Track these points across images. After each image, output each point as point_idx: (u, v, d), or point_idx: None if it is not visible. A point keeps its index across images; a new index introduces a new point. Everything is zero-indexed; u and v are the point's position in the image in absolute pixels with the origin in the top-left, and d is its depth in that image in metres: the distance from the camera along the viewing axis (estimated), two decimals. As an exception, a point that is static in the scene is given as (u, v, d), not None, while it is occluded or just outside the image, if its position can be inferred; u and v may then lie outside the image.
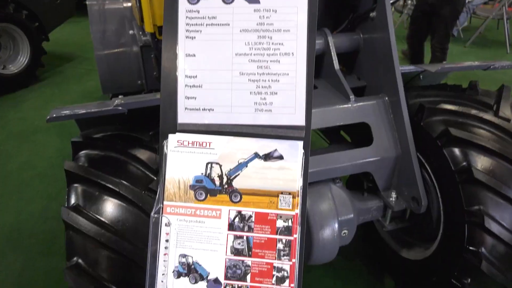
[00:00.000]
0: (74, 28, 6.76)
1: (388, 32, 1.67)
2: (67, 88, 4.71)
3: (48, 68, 5.18)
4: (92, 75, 4.97)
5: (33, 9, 4.51)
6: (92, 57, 3.44)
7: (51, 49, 5.41)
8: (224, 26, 0.80)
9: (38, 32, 4.64)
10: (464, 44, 6.22)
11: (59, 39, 6.19)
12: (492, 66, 1.77)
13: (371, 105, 1.70)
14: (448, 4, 3.71)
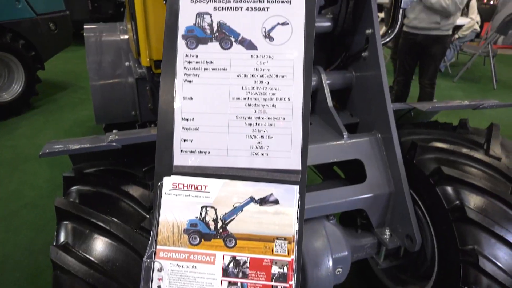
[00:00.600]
0: (70, 57, 6.84)
1: (380, 71, 1.71)
2: (61, 116, 4.70)
3: (42, 96, 5.19)
4: (86, 104, 4.99)
5: (30, 39, 4.56)
6: (87, 86, 3.46)
7: (46, 77, 5.44)
8: (222, 70, 0.82)
9: (34, 61, 4.68)
10: (453, 79, 6.39)
11: (55, 67, 6.24)
12: (481, 105, 1.82)
13: (364, 142, 1.72)
14: (437, 43, 3.84)
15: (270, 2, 0.82)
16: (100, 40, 3.33)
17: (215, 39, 0.82)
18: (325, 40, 2.00)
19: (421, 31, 3.84)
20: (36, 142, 4.04)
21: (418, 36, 3.89)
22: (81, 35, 3.45)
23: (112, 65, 3.23)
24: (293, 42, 0.81)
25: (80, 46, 4.48)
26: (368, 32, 1.72)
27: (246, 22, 0.82)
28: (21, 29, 4.48)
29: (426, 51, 3.93)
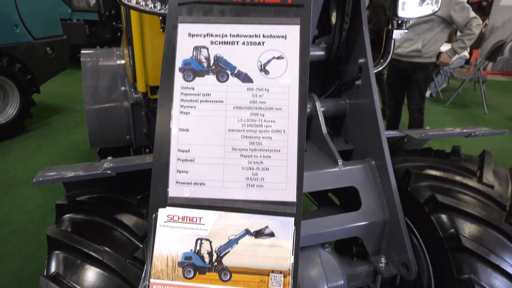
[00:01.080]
0: (66, 80, 6.87)
1: (373, 99, 1.74)
2: (54, 140, 4.68)
3: (36, 119, 5.18)
4: (81, 127, 4.99)
5: (27, 63, 4.59)
6: (82, 109, 3.47)
7: (41, 100, 5.45)
8: (218, 103, 0.83)
9: (29, 84, 4.70)
10: (444, 105, 6.49)
11: (51, 90, 6.26)
12: (473, 133, 1.84)
13: (359, 169, 1.73)
14: (420, 69, 3.93)
15: (266, 37, 0.84)
16: (97, 65, 3.37)
17: (212, 72, 0.84)
18: (319, 68, 2.04)
19: (405, 58, 3.94)
20: (28, 165, 4.00)
21: (402, 63, 3.98)
22: (78, 59, 3.48)
23: (108, 90, 3.25)
24: (288, 75, 0.82)
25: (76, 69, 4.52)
26: (361, 61, 1.76)
27: (242, 56, 0.83)
28: (18, 53, 4.51)
29: (410, 77, 4.02)
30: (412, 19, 1.78)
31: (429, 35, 3.75)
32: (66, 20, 7.09)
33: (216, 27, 0.85)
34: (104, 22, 7.44)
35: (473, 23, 3.61)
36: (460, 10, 3.57)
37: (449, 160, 1.82)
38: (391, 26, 1.81)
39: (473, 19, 3.60)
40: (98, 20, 7.38)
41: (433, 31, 3.74)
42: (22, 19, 4.47)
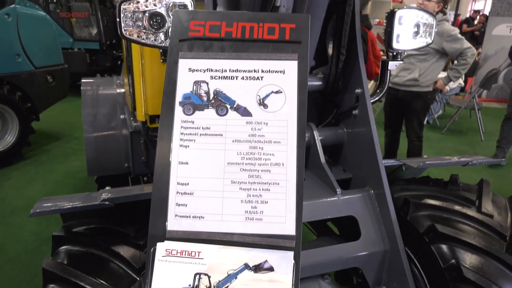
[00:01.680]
0: (65, 107, 6.92)
1: (370, 128, 1.76)
2: (52, 167, 4.67)
3: (34, 146, 5.18)
4: (79, 155, 4.98)
5: (27, 91, 4.64)
6: (80, 136, 3.47)
7: (40, 127, 5.46)
8: (218, 136, 0.84)
9: (29, 112, 4.72)
10: (441, 131, 6.55)
11: (50, 117, 6.30)
12: (470, 162, 1.85)
13: (357, 199, 1.72)
14: (418, 98, 3.98)
15: (265, 72, 0.86)
16: (97, 93, 3.40)
17: (211, 106, 0.85)
18: (316, 97, 2.07)
19: (402, 87, 4.00)
20: (25, 193, 3.97)
21: (400, 92, 4.04)
22: (78, 86, 3.52)
23: (107, 118, 3.27)
24: (287, 109, 0.84)
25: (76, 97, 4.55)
26: (358, 92, 1.79)
27: (241, 90, 0.85)
28: (19, 81, 4.57)
29: (408, 106, 4.06)
30: (406, 51, 1.82)
31: (425, 64, 3.82)
32: (67, 49, 7.22)
33: (216, 62, 0.87)
34: (105, 51, 7.57)
35: (468, 53, 3.70)
36: (452, 42, 3.66)
37: (448, 189, 1.82)
38: (386, 58, 1.85)
39: (467, 49, 3.69)
40: (99, 49, 7.52)
41: (429, 61, 3.81)
42: (24, 48, 4.55)
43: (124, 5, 1.32)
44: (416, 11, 1.74)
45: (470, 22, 13.79)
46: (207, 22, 0.88)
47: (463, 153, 5.65)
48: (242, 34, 0.87)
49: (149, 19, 1.35)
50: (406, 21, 1.73)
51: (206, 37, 0.88)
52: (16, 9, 4.45)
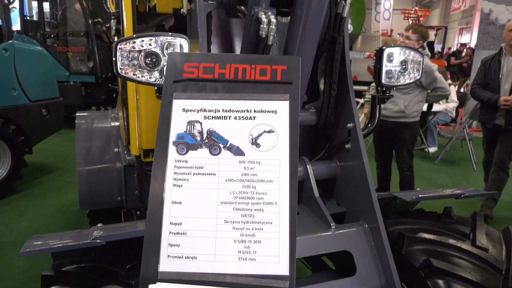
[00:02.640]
0: (59, 140, 6.90)
1: (363, 162, 1.78)
2: (43, 201, 4.60)
3: (26, 179, 5.12)
4: (71, 188, 4.93)
5: (21, 124, 4.64)
6: (73, 169, 3.45)
7: (32, 160, 5.42)
8: (211, 175, 0.85)
9: (22, 145, 4.70)
10: (433, 162, 6.60)
11: (43, 149, 6.26)
12: (463, 195, 1.87)
13: (352, 233, 1.71)
14: (406, 129, 4.04)
15: (257, 112, 0.88)
16: (91, 127, 3.41)
17: (205, 145, 0.86)
18: (309, 131, 2.10)
19: (390, 118, 4.07)
20: (14, 229, 3.89)
21: (388, 123, 4.11)
22: (73, 119, 3.53)
23: (101, 151, 3.26)
24: (279, 148, 0.85)
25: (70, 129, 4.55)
26: (350, 126, 1.82)
27: (234, 130, 0.87)
28: (13, 115, 4.57)
29: (397, 137, 4.13)
30: (395, 87, 1.88)
31: (408, 97, 3.94)
32: (63, 82, 7.30)
33: (209, 102, 0.89)
34: (100, 84, 7.65)
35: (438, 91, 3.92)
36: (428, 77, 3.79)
37: (442, 222, 1.82)
38: (376, 93, 1.89)
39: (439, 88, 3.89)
40: (94, 82, 7.60)
41: (411, 93, 3.93)
42: (20, 82, 4.59)
43: (120, 45, 1.36)
44: (403, 49, 1.81)
45: (458, 55, 14.22)
46: (201, 64, 0.91)
47: (457, 184, 5.68)
48: (235, 75, 0.90)
49: (145, 58, 1.38)
50: (394, 58, 1.79)
51: (200, 78, 0.90)
52: (14, 44, 4.53)
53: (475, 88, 4.33)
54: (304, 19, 1.56)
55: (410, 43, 3.80)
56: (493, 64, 4.18)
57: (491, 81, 4.17)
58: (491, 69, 4.18)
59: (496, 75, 4.13)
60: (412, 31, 3.87)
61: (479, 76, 4.32)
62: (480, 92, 4.22)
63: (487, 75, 4.21)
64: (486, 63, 4.27)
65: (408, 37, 3.86)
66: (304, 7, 1.53)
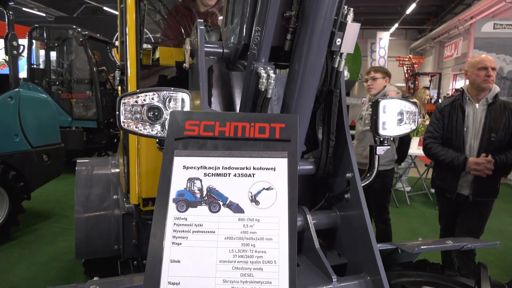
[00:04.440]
0: (58, 185, 6.87)
1: (363, 212, 1.77)
2: (38, 248, 4.50)
3: (22, 225, 5.04)
4: (67, 235, 4.84)
5: (21, 170, 4.64)
6: (70, 215, 3.42)
7: (30, 205, 5.37)
8: (210, 233, 0.85)
9: (21, 191, 4.68)
10: (435, 207, 6.54)
11: (41, 195, 6.22)
12: (465, 246, 1.84)
13: (354, 286, 1.67)
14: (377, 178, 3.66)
15: (256, 169, 0.89)
16: (91, 174, 3.42)
17: (204, 203, 0.87)
18: (308, 180, 2.11)
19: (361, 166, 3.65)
20: (7, 278, 3.78)
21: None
22: (73, 163, 3.55)
23: (100, 198, 3.25)
24: (278, 206, 0.86)
25: (70, 174, 4.54)
26: (349, 176, 1.83)
27: (233, 187, 0.88)
28: (14, 160, 4.59)
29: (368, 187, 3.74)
30: (393, 137, 1.91)
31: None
32: (65, 127, 7.39)
33: (209, 160, 0.91)
34: (102, 130, 7.75)
35: None
36: None
37: (445, 274, 1.78)
38: (374, 143, 1.92)
39: None
40: (96, 127, 7.71)
41: None
42: (23, 129, 4.66)
43: (124, 99, 1.40)
44: (398, 100, 1.86)
45: (453, 100, 14.49)
46: (201, 122, 0.94)
47: (459, 229, 5.59)
48: (234, 133, 0.93)
49: (147, 112, 1.42)
50: (390, 109, 1.83)
51: (200, 136, 0.93)
52: (19, 92, 4.64)
53: (430, 143, 3.19)
54: (301, 73, 1.62)
55: (379, 82, 3.73)
56: (454, 112, 3.10)
57: (451, 135, 3.09)
58: (451, 119, 3.10)
59: (459, 128, 3.05)
60: (373, 72, 3.77)
61: (434, 127, 3.20)
62: (438, 150, 3.11)
63: (446, 126, 3.13)
64: (443, 110, 3.18)
65: (374, 77, 3.74)
66: (301, 61, 1.60)
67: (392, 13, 22.44)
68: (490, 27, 9.07)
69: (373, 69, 3.88)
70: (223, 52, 1.79)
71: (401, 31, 27.03)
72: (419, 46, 26.73)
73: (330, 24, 1.55)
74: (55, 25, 9.98)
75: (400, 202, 6.59)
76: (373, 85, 3.76)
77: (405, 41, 28.54)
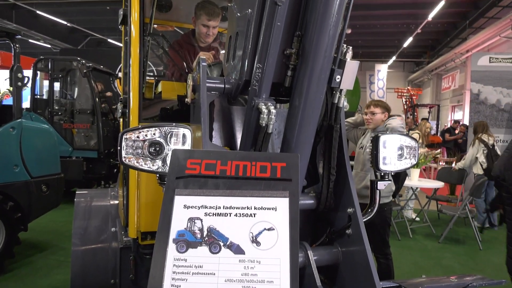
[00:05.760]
0: (55, 215, 6.78)
1: (365, 248, 1.74)
2: (33, 282, 4.39)
3: (18, 257, 4.94)
4: (63, 268, 4.74)
5: (20, 201, 4.60)
6: (67, 246, 3.36)
7: (26, 236, 5.29)
8: (210, 275, 0.83)
9: (18, 222, 4.62)
10: (438, 240, 6.44)
11: (38, 226, 6.13)
12: (470, 284, 1.80)
13: (358, 327, 1.62)
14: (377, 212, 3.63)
15: (257, 209, 0.89)
16: (90, 205, 3.40)
17: (205, 243, 0.86)
18: (309, 215, 2.09)
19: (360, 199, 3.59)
20: (0, 313, 3.67)
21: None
22: (71, 193, 3.52)
23: (98, 231, 3.21)
24: (279, 247, 0.85)
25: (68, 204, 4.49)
26: (350, 211, 1.82)
27: (234, 227, 0.87)
28: (12, 191, 4.56)
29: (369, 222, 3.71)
30: (393, 172, 1.91)
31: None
32: (66, 157, 7.40)
33: (210, 199, 0.90)
34: (102, 160, 7.75)
35: None
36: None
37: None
38: (375, 178, 1.92)
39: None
40: (96, 157, 7.71)
41: None
42: (23, 159, 4.65)
43: (126, 135, 1.41)
44: (398, 135, 1.87)
45: (452, 132, 14.60)
46: (203, 160, 0.94)
47: (463, 264, 5.47)
48: (236, 172, 0.93)
49: (149, 147, 1.43)
50: (390, 145, 1.85)
51: (201, 174, 0.93)
52: (22, 123, 4.67)
53: None
54: (302, 108, 1.64)
55: (378, 117, 3.73)
56: None
57: None
58: None
59: None
60: (373, 106, 3.78)
61: None
62: None
63: None
64: None
65: (373, 112, 3.75)
66: (302, 97, 1.63)
67: (389, 46, 22.98)
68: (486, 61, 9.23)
69: (373, 103, 3.87)
70: (224, 88, 1.83)
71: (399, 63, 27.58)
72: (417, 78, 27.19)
73: (330, 61, 1.58)
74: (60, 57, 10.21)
75: (402, 235, 6.50)
76: (372, 119, 3.75)
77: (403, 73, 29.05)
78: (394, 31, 19.49)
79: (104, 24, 18.93)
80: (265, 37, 1.55)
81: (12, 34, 4.70)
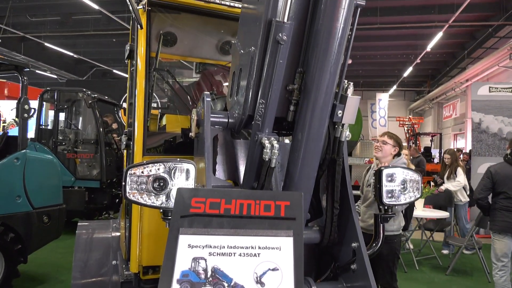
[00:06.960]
0: (56, 246, 6.69)
1: (370, 283, 1.71)
2: (31, 316, 4.29)
3: (16, 291, 4.85)
4: (62, 302, 4.64)
5: (20, 232, 4.55)
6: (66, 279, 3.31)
7: (25, 268, 5.20)
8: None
9: (18, 254, 4.56)
10: (445, 272, 6.29)
11: (38, 257, 6.03)
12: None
13: None
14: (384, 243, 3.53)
15: (261, 248, 0.89)
16: (91, 238, 3.37)
17: (209, 284, 0.85)
18: (313, 249, 2.06)
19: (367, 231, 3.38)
20: None
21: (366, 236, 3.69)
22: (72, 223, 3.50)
23: (98, 264, 3.17)
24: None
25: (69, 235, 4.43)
26: (354, 246, 1.80)
27: (239, 268, 0.87)
28: (13, 222, 4.52)
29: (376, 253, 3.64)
30: (397, 205, 1.90)
31: None
32: (68, 187, 7.38)
33: (214, 238, 0.90)
34: (104, 189, 7.73)
35: None
36: None
37: None
38: (379, 211, 1.91)
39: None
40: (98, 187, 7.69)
41: None
42: (26, 190, 4.65)
43: (131, 170, 1.43)
44: (401, 169, 1.88)
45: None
46: (207, 199, 0.95)
47: (472, 297, 5.32)
48: (240, 210, 0.93)
49: (153, 182, 1.43)
50: (393, 178, 1.85)
51: (206, 213, 0.93)
52: (26, 154, 4.70)
53: None
54: (305, 142, 1.66)
55: (388, 147, 3.73)
56: None
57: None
58: None
59: None
60: (387, 137, 3.81)
61: None
62: None
63: None
64: None
65: (385, 141, 3.76)
66: (304, 131, 1.65)
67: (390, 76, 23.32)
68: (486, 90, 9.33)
69: (388, 134, 3.89)
70: (228, 122, 1.85)
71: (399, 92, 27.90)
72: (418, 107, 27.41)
73: (331, 97, 1.62)
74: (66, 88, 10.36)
75: (408, 267, 6.36)
76: (382, 148, 3.74)
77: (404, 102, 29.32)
78: (394, 61, 19.84)
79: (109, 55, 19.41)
80: (268, 74, 1.59)
81: (20, 67, 4.81)
